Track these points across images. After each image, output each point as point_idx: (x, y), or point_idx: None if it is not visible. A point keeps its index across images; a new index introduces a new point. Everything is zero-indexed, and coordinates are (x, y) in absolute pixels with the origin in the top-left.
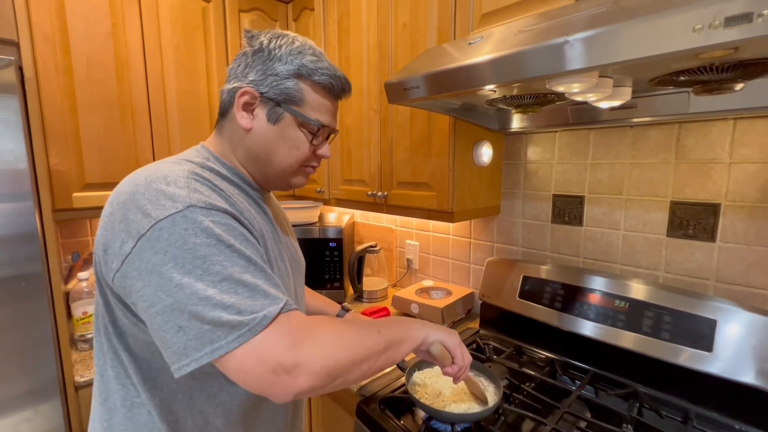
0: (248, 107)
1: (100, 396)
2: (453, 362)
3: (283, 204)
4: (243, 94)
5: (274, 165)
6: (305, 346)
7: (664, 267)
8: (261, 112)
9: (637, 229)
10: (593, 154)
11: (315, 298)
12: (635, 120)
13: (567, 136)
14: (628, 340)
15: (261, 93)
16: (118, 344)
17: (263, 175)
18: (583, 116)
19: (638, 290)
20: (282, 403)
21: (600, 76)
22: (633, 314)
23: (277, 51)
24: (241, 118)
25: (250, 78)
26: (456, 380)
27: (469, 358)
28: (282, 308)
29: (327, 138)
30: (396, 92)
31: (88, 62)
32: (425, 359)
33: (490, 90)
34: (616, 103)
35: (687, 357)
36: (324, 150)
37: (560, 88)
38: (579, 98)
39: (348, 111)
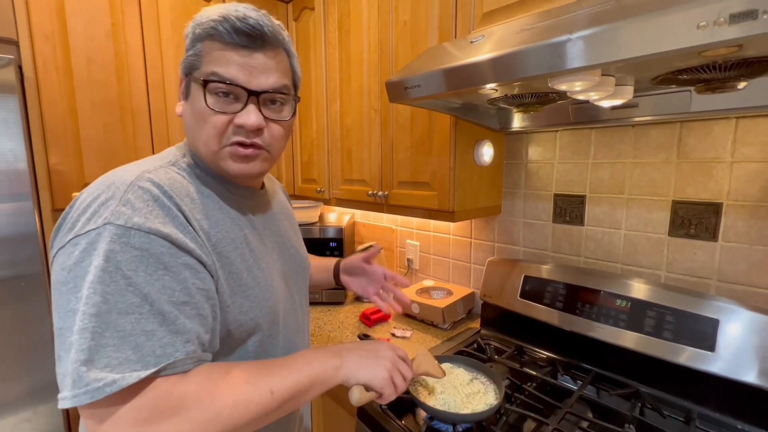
0: (182, 95)
1: None
2: (382, 396)
3: None
4: (180, 84)
5: (197, 146)
6: (158, 426)
7: (665, 266)
8: (183, 95)
9: (639, 229)
10: (594, 153)
11: (315, 260)
12: (637, 119)
13: (568, 135)
14: (629, 339)
15: (182, 76)
16: None
17: (207, 164)
18: (585, 115)
19: (640, 290)
20: None
21: (602, 75)
22: (635, 314)
23: (186, 31)
24: (178, 106)
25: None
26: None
27: (403, 385)
28: (155, 372)
29: (246, 101)
30: (397, 91)
31: (88, 62)
32: None
33: (491, 89)
34: (618, 101)
35: (689, 357)
36: (243, 117)
37: (562, 87)
38: (581, 97)
39: (348, 110)
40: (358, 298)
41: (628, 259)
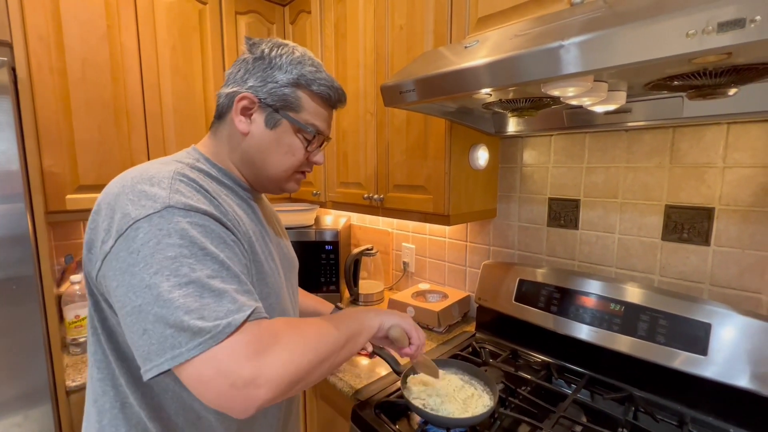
0: (246, 112)
1: (91, 396)
2: (410, 342)
3: (279, 206)
4: (242, 98)
5: (269, 169)
6: (267, 355)
7: (659, 270)
8: (259, 117)
9: (632, 233)
10: (589, 157)
11: (308, 299)
12: (630, 124)
13: (563, 139)
14: (623, 343)
15: (260, 99)
16: (107, 344)
17: (257, 179)
18: (579, 120)
19: (633, 294)
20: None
21: (595, 81)
22: (628, 318)
23: (277, 60)
24: (240, 122)
25: (249, 84)
26: (413, 359)
27: (423, 337)
28: (249, 316)
29: (321, 145)
30: (392, 95)
31: (83, 63)
32: (383, 344)
33: (485, 93)
34: (611, 107)
35: (682, 360)
36: (318, 157)
37: (555, 92)
38: (574, 102)
39: (344, 114)
40: (354, 301)
41: (621, 263)
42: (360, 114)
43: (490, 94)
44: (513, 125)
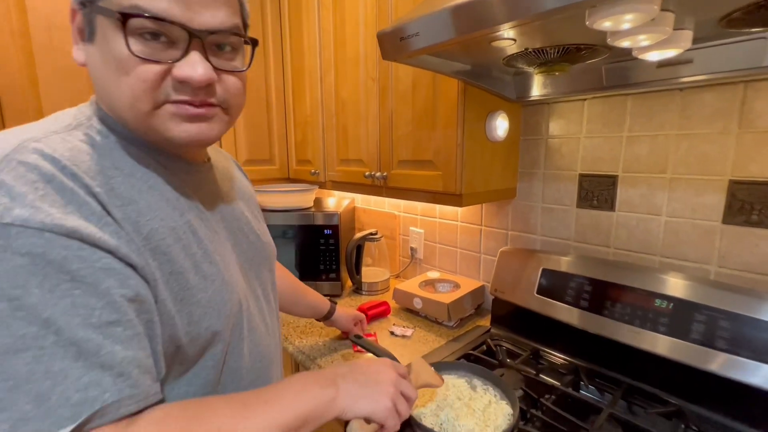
0: (82, 35)
1: None
2: (384, 428)
3: (273, 187)
4: (72, 17)
5: (118, 106)
6: None
7: (717, 260)
8: (83, 34)
9: (684, 215)
10: (630, 124)
11: (303, 295)
12: (687, 79)
13: (599, 104)
14: (672, 348)
15: (76, 5)
16: None
17: (129, 127)
18: (621, 77)
19: (685, 288)
20: None
21: (660, 10)
22: (678, 317)
23: None
24: (76, 51)
25: None
26: None
27: (407, 412)
28: (76, 428)
29: (185, 48)
30: (392, 44)
31: (49, 27)
32: None
33: (508, 38)
34: (671, 51)
35: (748, 371)
36: (186, 67)
37: (605, 24)
38: (625, 43)
39: (344, 82)
40: (357, 290)
41: (668, 250)
42: (360, 80)
43: (514, 40)
44: (538, 88)
